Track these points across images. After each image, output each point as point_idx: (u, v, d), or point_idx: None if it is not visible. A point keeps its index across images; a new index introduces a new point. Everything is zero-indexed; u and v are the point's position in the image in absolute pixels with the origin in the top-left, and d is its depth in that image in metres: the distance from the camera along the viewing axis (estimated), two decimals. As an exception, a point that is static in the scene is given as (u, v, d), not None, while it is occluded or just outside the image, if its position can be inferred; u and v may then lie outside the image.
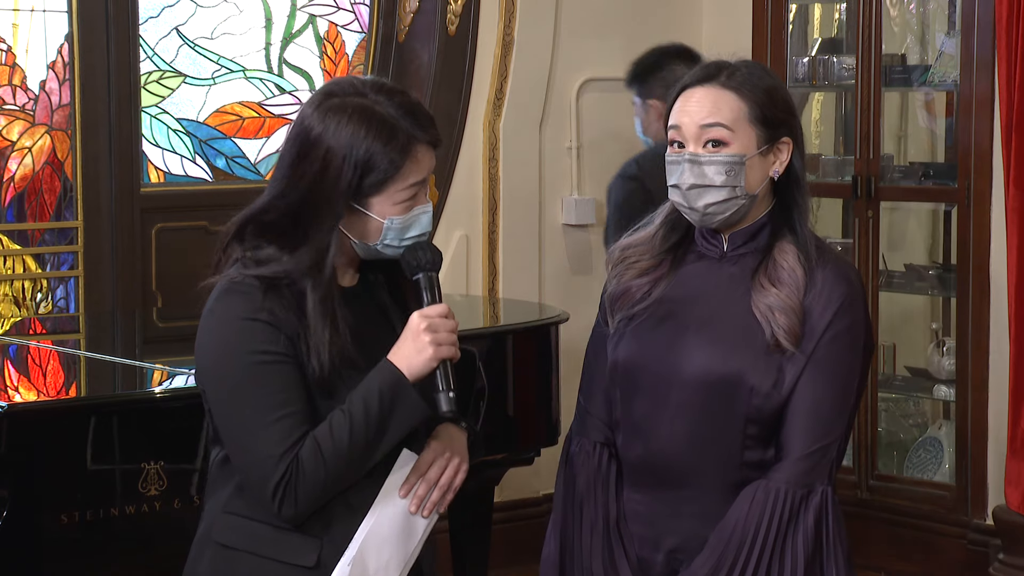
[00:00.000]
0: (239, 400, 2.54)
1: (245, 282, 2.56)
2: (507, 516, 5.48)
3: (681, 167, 2.72)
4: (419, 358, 2.55)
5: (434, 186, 5.82)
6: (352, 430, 2.52)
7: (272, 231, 2.60)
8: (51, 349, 4.44)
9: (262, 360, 2.53)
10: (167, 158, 5.59)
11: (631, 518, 2.79)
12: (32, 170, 5.32)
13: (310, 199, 2.57)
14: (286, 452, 2.51)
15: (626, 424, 2.78)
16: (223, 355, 2.56)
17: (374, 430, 2.53)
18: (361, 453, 2.53)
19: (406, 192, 2.59)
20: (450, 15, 5.85)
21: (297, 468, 2.51)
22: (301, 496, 2.51)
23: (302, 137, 2.59)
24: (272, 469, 2.50)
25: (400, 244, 2.61)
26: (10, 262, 5.30)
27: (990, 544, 5.40)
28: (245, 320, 2.54)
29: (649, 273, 2.79)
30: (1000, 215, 5.31)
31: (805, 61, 5.98)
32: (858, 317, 2.74)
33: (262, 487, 2.52)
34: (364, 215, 2.59)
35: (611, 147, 6.05)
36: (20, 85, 5.28)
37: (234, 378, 2.54)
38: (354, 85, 2.62)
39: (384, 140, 2.56)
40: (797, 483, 2.68)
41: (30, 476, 3.42)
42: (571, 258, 6.03)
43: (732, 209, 2.73)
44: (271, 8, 5.79)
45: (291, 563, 2.57)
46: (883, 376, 5.84)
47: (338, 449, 2.52)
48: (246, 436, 2.53)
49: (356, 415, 2.52)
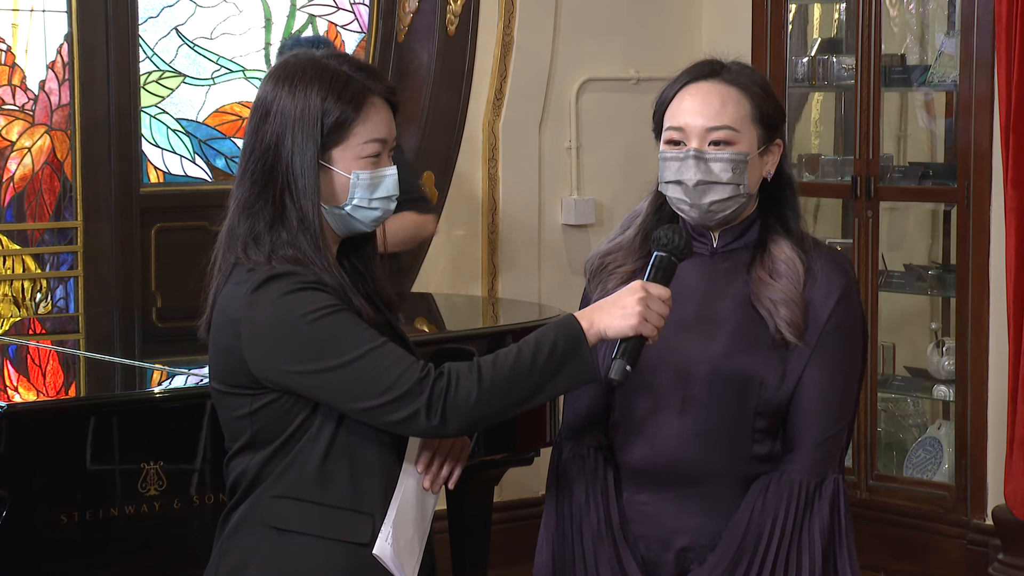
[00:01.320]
0: (336, 349, 2.47)
1: (282, 267, 2.54)
2: (507, 516, 5.48)
3: (686, 163, 2.70)
4: (620, 320, 2.50)
5: (434, 186, 5.82)
6: (516, 364, 2.46)
7: (255, 212, 2.58)
8: (51, 349, 4.44)
9: (337, 309, 2.50)
10: (167, 158, 5.59)
11: (637, 520, 2.77)
12: (32, 170, 5.32)
13: (277, 162, 2.56)
14: (421, 362, 2.46)
15: (626, 425, 2.77)
16: (296, 326, 2.49)
17: (538, 374, 2.47)
18: (518, 391, 2.47)
19: (368, 147, 2.58)
20: (450, 15, 5.85)
21: (450, 377, 2.46)
22: (450, 409, 2.45)
23: (260, 109, 2.59)
24: (416, 373, 2.45)
25: (369, 205, 2.60)
26: (10, 262, 5.30)
27: (990, 544, 5.40)
28: (299, 291, 2.50)
29: (633, 277, 2.76)
30: (999, 215, 5.31)
31: (804, 61, 5.98)
32: (857, 305, 2.77)
33: (410, 398, 2.44)
34: (329, 172, 2.57)
35: (611, 147, 6.05)
36: (20, 85, 5.28)
37: (321, 338, 2.49)
38: (306, 53, 2.65)
39: (337, 91, 2.56)
40: (811, 472, 2.70)
41: (30, 476, 3.41)
42: (570, 258, 6.03)
43: (734, 207, 2.73)
44: (271, 8, 5.79)
45: (346, 540, 2.55)
46: (883, 376, 5.84)
47: (498, 375, 2.47)
48: (367, 365, 2.46)
49: (525, 352, 2.47)
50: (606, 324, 2.50)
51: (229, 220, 2.63)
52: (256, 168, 2.59)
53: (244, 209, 2.60)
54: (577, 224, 6.02)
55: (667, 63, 5.77)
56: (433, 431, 2.48)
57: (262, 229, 2.58)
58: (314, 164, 2.56)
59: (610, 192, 6.05)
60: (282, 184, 2.57)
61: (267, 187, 2.58)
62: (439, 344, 4.29)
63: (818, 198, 6.20)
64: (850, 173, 5.78)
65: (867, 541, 5.65)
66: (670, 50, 6.07)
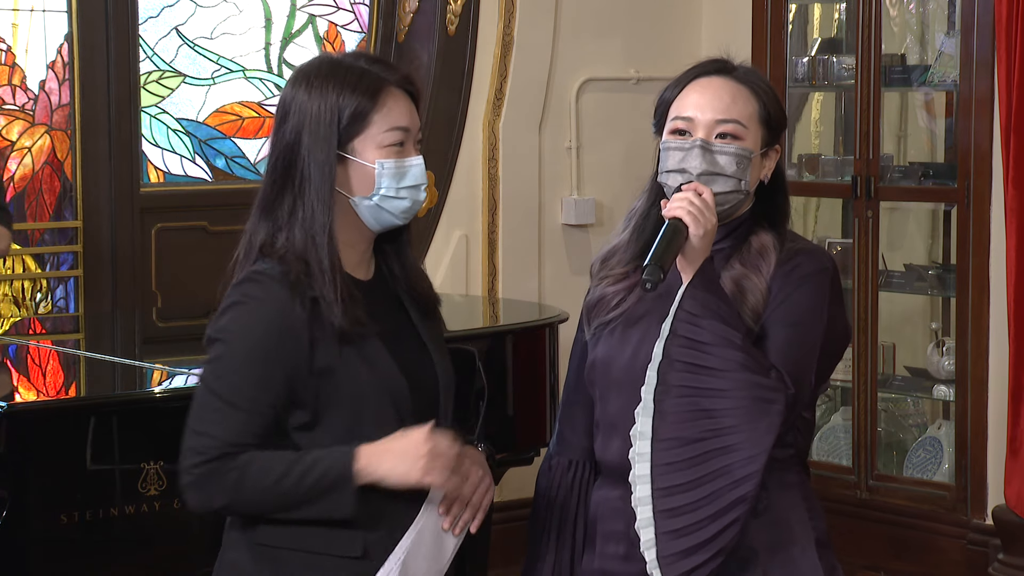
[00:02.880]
0: (212, 373, 2.56)
1: (262, 270, 2.57)
2: (507, 516, 5.47)
3: (691, 152, 2.68)
4: (402, 472, 2.54)
5: (434, 186, 5.82)
6: (279, 483, 2.52)
7: (274, 210, 2.61)
8: (51, 349, 4.44)
9: (243, 338, 2.55)
10: (167, 158, 5.59)
11: (609, 516, 2.76)
12: (32, 170, 5.32)
13: (295, 159, 2.59)
14: (243, 445, 2.53)
15: (604, 424, 2.77)
16: (209, 335, 2.58)
17: (294, 498, 2.53)
18: (274, 503, 2.54)
19: (389, 136, 2.60)
20: (450, 15, 5.85)
21: (223, 466, 2.53)
22: (212, 494, 2.54)
23: (280, 112, 2.63)
24: (220, 449, 2.52)
25: (397, 195, 2.61)
26: (10, 262, 5.30)
27: (990, 544, 5.40)
28: (237, 304, 2.56)
29: (623, 280, 2.77)
30: (999, 215, 5.31)
31: (805, 61, 5.98)
32: (822, 287, 2.70)
33: (187, 458, 2.54)
34: (353, 163, 2.60)
35: (611, 147, 6.05)
36: (20, 85, 5.28)
37: (211, 358, 2.57)
38: (324, 54, 2.68)
39: (353, 84, 2.59)
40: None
41: (30, 476, 3.42)
42: (571, 258, 6.03)
43: (732, 202, 2.72)
44: (271, 8, 5.79)
45: (339, 555, 2.57)
46: (883, 376, 5.84)
47: (257, 487, 2.52)
48: (205, 402, 2.56)
49: (292, 475, 2.52)
50: (386, 471, 2.53)
51: (250, 219, 2.65)
52: (276, 167, 2.62)
53: (263, 208, 2.63)
54: (577, 224, 6.02)
55: (667, 63, 5.77)
56: (191, 507, 2.56)
57: (277, 227, 2.60)
58: (330, 159, 2.58)
59: (610, 192, 6.05)
60: (299, 182, 2.59)
61: (286, 186, 2.60)
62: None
63: (818, 198, 6.20)
64: (850, 173, 5.78)
65: (867, 541, 5.65)
66: (670, 50, 6.07)
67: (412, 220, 2.68)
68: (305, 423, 2.58)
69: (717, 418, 2.57)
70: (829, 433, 5.97)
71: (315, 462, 2.52)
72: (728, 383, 2.56)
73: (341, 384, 2.56)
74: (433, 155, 5.87)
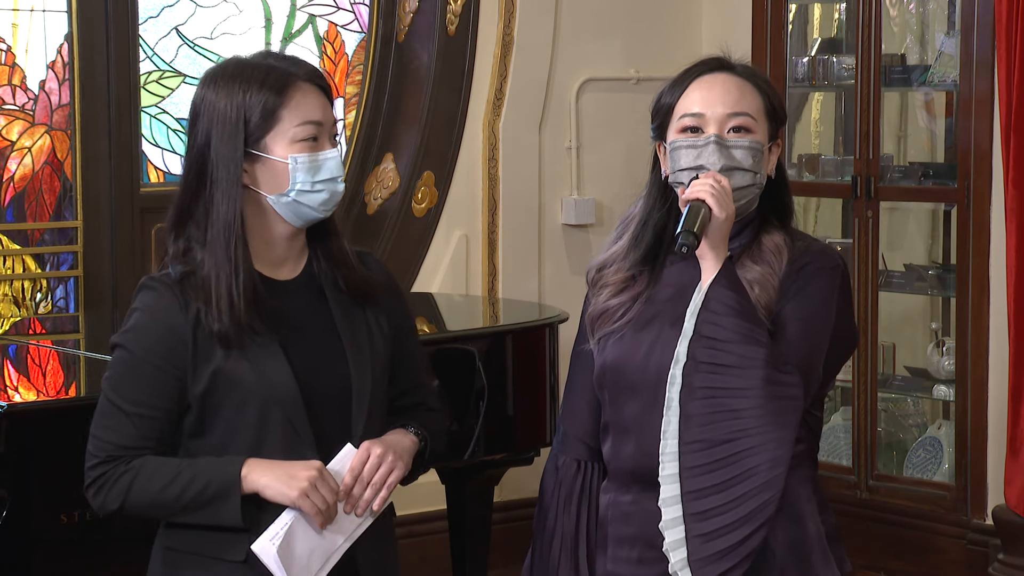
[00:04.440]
0: (116, 381, 2.63)
1: (156, 277, 2.65)
2: (507, 516, 5.48)
3: (706, 149, 2.67)
4: (280, 488, 2.57)
5: (434, 186, 5.82)
6: (166, 488, 2.58)
7: (188, 214, 2.63)
8: (51, 349, 4.44)
9: (134, 345, 2.62)
10: (167, 158, 5.60)
11: (620, 521, 2.75)
12: (32, 170, 5.32)
13: (206, 161, 2.60)
14: (135, 451, 2.61)
15: (615, 426, 2.75)
16: (124, 337, 2.65)
17: (182, 502, 2.58)
18: (160, 509, 2.62)
19: (301, 130, 2.61)
20: (450, 15, 5.85)
21: (116, 470, 2.61)
22: (107, 496, 2.63)
23: (191, 114, 2.65)
24: (112, 452, 2.63)
25: (313, 188, 2.61)
26: (10, 262, 5.30)
27: (990, 544, 5.40)
28: (134, 311, 2.65)
29: (627, 290, 2.75)
30: (999, 215, 5.31)
31: (805, 61, 5.99)
32: (833, 283, 2.71)
33: (86, 461, 2.65)
34: (266, 161, 2.61)
35: (611, 147, 6.05)
36: (20, 85, 5.28)
37: (111, 362, 2.64)
38: (234, 56, 2.71)
39: (260, 81, 2.60)
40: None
41: (30, 476, 3.42)
42: (571, 258, 6.03)
43: (748, 197, 2.71)
44: (271, 8, 5.79)
45: (228, 560, 2.61)
46: (882, 376, 5.84)
47: (146, 490, 2.59)
48: (104, 410, 2.64)
49: (179, 481, 2.58)
50: (265, 483, 2.57)
51: (166, 224, 2.69)
52: (190, 170, 2.63)
53: (177, 211, 2.65)
54: (577, 224, 6.02)
55: (667, 63, 5.77)
56: (96, 509, 2.66)
57: (189, 231, 2.64)
58: (236, 157, 2.59)
59: (610, 192, 6.05)
60: (210, 184, 2.60)
61: (200, 188, 2.62)
62: (439, 344, 4.29)
63: (818, 198, 6.20)
64: (850, 173, 5.78)
65: (867, 541, 5.65)
66: (670, 50, 6.07)
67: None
68: (194, 429, 2.62)
69: (742, 418, 2.56)
70: (829, 433, 5.97)
71: (202, 469, 2.58)
72: (747, 380, 2.56)
73: (225, 390, 2.59)
74: (433, 155, 5.87)
